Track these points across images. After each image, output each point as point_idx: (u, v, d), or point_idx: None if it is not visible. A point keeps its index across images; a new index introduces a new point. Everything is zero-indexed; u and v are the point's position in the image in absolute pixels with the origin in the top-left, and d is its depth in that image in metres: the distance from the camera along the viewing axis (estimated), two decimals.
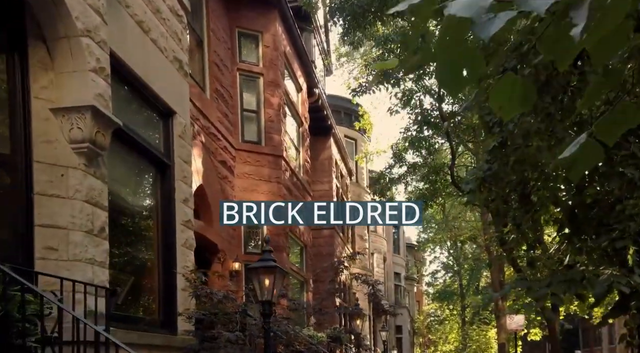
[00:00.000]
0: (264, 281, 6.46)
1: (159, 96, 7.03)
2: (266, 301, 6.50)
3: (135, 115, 6.81)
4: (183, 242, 7.33)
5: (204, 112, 10.94)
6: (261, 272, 6.53)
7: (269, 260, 6.58)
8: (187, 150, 7.64)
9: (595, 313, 29.02)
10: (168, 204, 7.20)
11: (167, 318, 6.89)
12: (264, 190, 13.04)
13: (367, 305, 26.80)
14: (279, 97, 13.65)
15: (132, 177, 6.94)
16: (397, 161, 17.68)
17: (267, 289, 6.47)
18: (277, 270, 6.55)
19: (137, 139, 6.58)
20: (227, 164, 12.13)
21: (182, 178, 7.43)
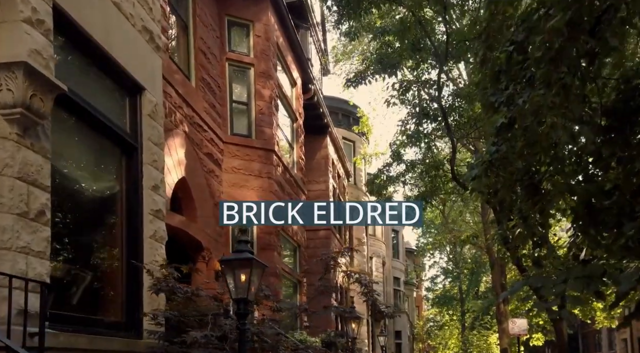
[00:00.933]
0: (239, 276, 5.50)
1: (125, 69, 6.10)
2: (241, 299, 5.52)
3: (95, 89, 5.86)
4: (151, 234, 6.37)
5: (187, 100, 10.01)
6: (235, 266, 5.56)
7: (245, 252, 5.62)
8: (157, 132, 6.69)
9: (597, 317, 28.06)
10: (134, 191, 6.24)
11: (130, 320, 5.92)
12: (254, 186, 12.09)
13: (365, 310, 25.77)
14: (270, 89, 12.73)
15: (91, 158, 5.99)
16: (396, 159, 16.68)
17: (242, 285, 5.50)
18: (254, 263, 5.58)
19: (96, 115, 5.64)
20: (214, 157, 11.18)
21: (151, 162, 6.47)
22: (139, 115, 6.41)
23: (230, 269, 5.59)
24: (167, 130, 9.18)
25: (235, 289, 5.51)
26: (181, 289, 5.63)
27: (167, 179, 9.15)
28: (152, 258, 6.33)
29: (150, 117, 6.54)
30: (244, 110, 12.61)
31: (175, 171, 9.41)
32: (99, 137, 5.93)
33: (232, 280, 5.54)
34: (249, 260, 5.55)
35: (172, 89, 9.40)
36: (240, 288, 5.51)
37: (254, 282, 5.60)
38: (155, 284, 5.61)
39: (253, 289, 5.71)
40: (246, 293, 5.49)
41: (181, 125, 9.73)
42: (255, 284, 5.68)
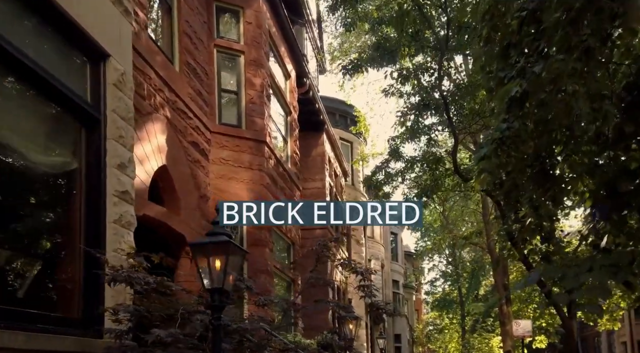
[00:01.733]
0: (213, 263, 4.63)
1: (85, 31, 5.26)
2: (216, 289, 4.65)
3: (49, 52, 5.02)
4: (116, 218, 5.50)
5: (170, 84, 9.17)
6: (209, 251, 4.70)
7: (220, 234, 4.75)
8: (125, 105, 5.84)
9: (600, 320, 27.10)
10: (96, 169, 5.38)
11: (88, 316, 5.04)
12: (244, 178, 11.23)
13: (364, 313, 24.85)
14: (262, 78, 11.89)
15: (43, 130, 5.13)
16: (394, 155, 15.81)
17: (217, 274, 4.63)
18: (232, 247, 4.71)
19: (50, 81, 4.80)
20: (200, 146, 10.32)
21: (117, 137, 5.61)
22: (103, 84, 5.56)
23: (203, 255, 4.72)
24: (146, 113, 8.37)
25: (209, 278, 4.63)
26: (141, 279, 4.74)
27: (145, 166, 8.32)
28: (117, 246, 5.46)
29: (116, 87, 5.69)
30: (234, 99, 11.78)
31: (154, 158, 8.56)
32: (53, 106, 5.08)
33: (205, 268, 4.67)
34: (226, 244, 4.69)
35: (151, 70, 8.56)
36: (215, 277, 4.63)
37: (231, 269, 4.73)
38: (109, 273, 4.71)
39: (231, 279, 4.84)
40: (222, 282, 4.62)
41: (162, 109, 8.88)
42: (233, 273, 4.81)
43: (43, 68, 4.74)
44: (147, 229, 8.51)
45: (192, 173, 9.99)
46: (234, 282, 5.02)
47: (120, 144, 5.65)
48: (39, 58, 4.72)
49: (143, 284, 4.68)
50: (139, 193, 8.08)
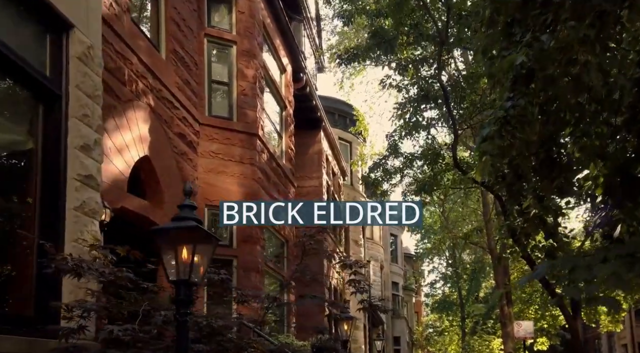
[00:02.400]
0: (179, 251, 4.00)
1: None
2: (182, 281, 4.03)
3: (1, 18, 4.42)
4: (78, 205, 4.89)
5: (154, 71, 8.57)
6: (174, 237, 4.08)
7: (188, 219, 4.13)
8: (92, 81, 5.23)
9: (602, 321, 26.39)
10: (54, 150, 4.78)
11: (42, 314, 4.42)
12: (235, 172, 10.62)
13: (362, 315, 24.20)
14: (254, 69, 11.28)
15: None
16: (393, 151, 15.18)
17: (184, 263, 4.01)
18: (201, 234, 4.09)
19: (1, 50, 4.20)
20: (187, 138, 9.72)
21: (80, 116, 5.01)
22: (65, 58, 4.95)
23: (167, 242, 4.09)
24: (127, 100, 7.78)
25: (174, 269, 4.01)
26: (95, 270, 4.11)
27: (125, 156, 7.71)
28: (78, 236, 4.85)
29: (80, 61, 5.08)
30: (225, 91, 11.18)
31: (135, 148, 7.95)
32: (6, 79, 4.48)
33: (170, 257, 4.05)
34: (193, 230, 4.06)
35: (133, 55, 7.97)
36: (182, 267, 4.01)
37: (201, 260, 4.10)
38: (59, 264, 4.09)
39: (202, 270, 4.21)
40: (188, 273, 3.99)
41: (144, 97, 8.28)
42: (203, 262, 4.18)
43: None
44: (126, 223, 7.93)
45: (179, 166, 9.39)
46: (205, 274, 4.39)
47: (84, 123, 5.04)
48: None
49: (98, 276, 4.05)
50: (118, 184, 7.49)
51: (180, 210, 4.21)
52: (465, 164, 12.92)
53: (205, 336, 5.47)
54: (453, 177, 15.13)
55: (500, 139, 5.31)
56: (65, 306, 4.21)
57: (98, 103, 5.29)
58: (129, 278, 4.38)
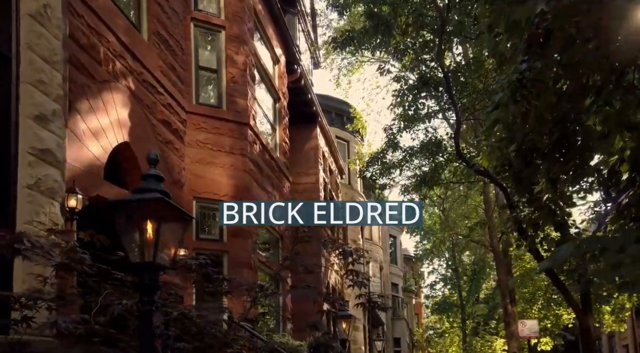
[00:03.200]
0: (142, 228, 3.33)
1: None
2: (146, 265, 3.35)
3: None
4: (32, 183, 4.22)
5: (134, 52, 7.92)
6: (135, 212, 3.40)
7: (153, 190, 3.45)
8: (50, 44, 4.56)
9: (606, 321, 25.68)
10: (3, 118, 4.09)
11: None
12: (225, 163, 9.96)
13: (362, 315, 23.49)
14: (245, 55, 10.64)
15: None
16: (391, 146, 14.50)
17: (148, 242, 3.33)
18: (168, 208, 3.41)
19: None
20: (173, 126, 9.05)
21: (35, 82, 4.34)
22: (15, 15, 4.28)
23: (129, 217, 3.41)
24: (102, 80, 7.12)
25: (136, 249, 3.33)
26: (39, 249, 3.43)
27: (101, 140, 7.05)
28: (33, 218, 4.17)
29: (34, 20, 4.42)
30: (213, 78, 10.52)
31: (114, 133, 7.29)
32: None
33: (132, 235, 3.37)
34: (159, 203, 3.38)
35: (109, 32, 7.32)
36: (144, 247, 3.33)
37: (168, 238, 3.42)
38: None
39: (172, 250, 3.53)
40: (152, 255, 3.31)
41: (123, 79, 7.61)
42: (172, 242, 3.50)
43: None
44: (103, 212, 7.27)
45: (163, 155, 8.70)
46: (176, 256, 3.71)
47: (40, 90, 4.37)
48: None
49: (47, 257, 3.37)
50: (93, 170, 6.83)
51: (144, 180, 3.53)
52: (468, 154, 12.22)
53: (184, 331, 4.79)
54: (455, 169, 14.42)
55: (515, 105, 4.63)
56: (14, 296, 3.53)
57: (58, 70, 4.62)
58: (84, 260, 3.68)
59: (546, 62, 4.65)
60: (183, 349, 4.95)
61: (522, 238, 10.37)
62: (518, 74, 4.63)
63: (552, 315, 22.79)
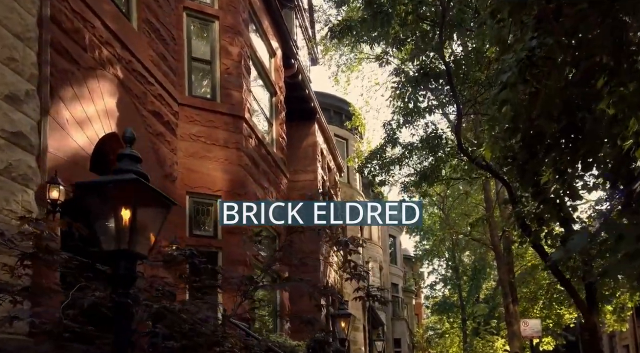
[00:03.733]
0: (116, 212, 2.99)
1: None
2: (120, 252, 3.01)
3: None
4: (2, 168, 3.88)
5: (122, 39, 7.59)
6: (110, 194, 3.06)
7: (128, 171, 3.11)
8: (21, 19, 4.24)
9: (607, 320, 25.34)
10: None
11: None
12: (219, 157, 9.62)
13: (362, 315, 23.15)
14: (239, 46, 10.30)
15: None
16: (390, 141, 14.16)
17: (122, 228, 2.99)
18: (145, 190, 3.08)
19: None
20: (164, 118, 8.71)
21: (5, 60, 4.04)
22: None
23: (102, 201, 3.07)
24: (88, 67, 6.78)
25: (110, 235, 2.99)
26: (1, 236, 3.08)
27: (87, 130, 6.71)
28: (3, 206, 3.83)
29: None
30: (207, 70, 10.18)
31: (100, 122, 6.95)
32: None
33: (105, 220, 3.03)
34: (135, 185, 3.04)
35: (95, 18, 6.98)
36: (119, 233, 2.99)
37: (146, 223, 3.08)
38: None
39: (152, 238, 3.19)
40: (128, 242, 2.97)
41: (111, 67, 7.28)
42: (151, 229, 3.16)
43: None
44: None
45: (154, 147, 8.38)
46: (156, 244, 3.37)
47: (10, 68, 4.04)
48: None
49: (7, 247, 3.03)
50: (78, 160, 6.49)
51: (119, 161, 3.18)
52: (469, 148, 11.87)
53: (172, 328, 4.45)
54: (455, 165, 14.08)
55: (524, 84, 4.28)
56: None
57: (31, 48, 4.30)
58: (51, 249, 3.33)
59: (557, 39, 4.30)
60: (171, 348, 4.61)
61: (525, 234, 10.05)
62: (527, 51, 4.29)
63: (554, 315, 22.46)
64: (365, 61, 23.01)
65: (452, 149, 13.05)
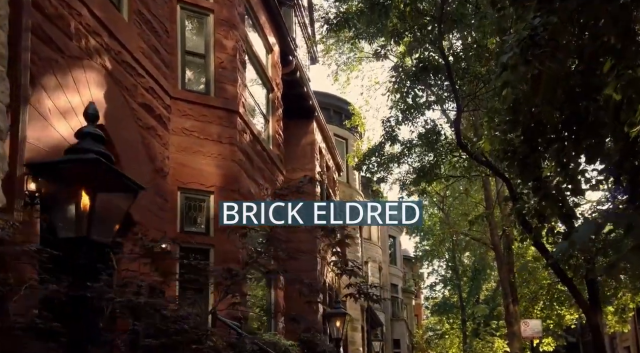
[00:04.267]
0: (75, 194, 2.70)
1: None
2: (79, 240, 2.73)
3: None
4: None
5: (111, 30, 7.33)
6: (67, 175, 2.78)
7: (88, 151, 2.82)
8: None
9: (609, 321, 25.00)
10: None
11: None
12: (212, 152, 9.34)
13: (360, 316, 22.85)
14: (234, 40, 10.03)
15: None
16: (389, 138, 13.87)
17: (81, 212, 2.70)
18: (107, 171, 2.79)
19: None
20: (156, 111, 8.44)
21: None
22: None
23: (58, 182, 2.79)
24: (73, 56, 6.51)
25: (65, 221, 2.70)
26: None
27: (71, 121, 6.42)
28: None
29: None
30: (201, 64, 9.90)
31: None
32: None
33: (61, 204, 2.74)
34: (95, 166, 2.75)
35: (82, 6, 6.71)
36: (78, 218, 2.70)
37: (108, 209, 2.79)
38: None
39: (116, 223, 2.90)
40: (86, 228, 2.68)
41: (98, 56, 7.01)
42: (115, 215, 2.86)
43: None
44: None
45: (145, 141, 8.10)
46: (118, 232, 3.07)
47: None
48: None
49: None
50: (60, 152, 6.13)
51: (79, 139, 2.89)
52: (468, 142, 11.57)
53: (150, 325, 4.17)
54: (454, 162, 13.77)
55: (526, 65, 3.99)
56: None
57: (1, 26, 3.99)
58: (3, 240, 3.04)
59: (560, 17, 4.01)
60: (149, 346, 4.33)
61: (526, 231, 9.76)
62: (530, 30, 3.99)
63: (555, 315, 22.14)
64: (365, 60, 22.76)
65: (451, 144, 12.74)
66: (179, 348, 4.26)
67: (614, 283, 17.28)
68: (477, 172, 14.54)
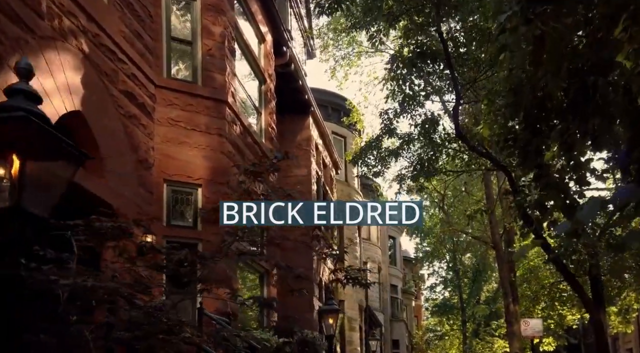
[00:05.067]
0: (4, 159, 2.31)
1: None
2: (8, 210, 2.34)
3: None
4: None
5: (89, 11, 6.96)
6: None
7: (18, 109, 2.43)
8: None
9: (612, 322, 24.61)
10: None
11: None
12: (200, 144, 8.96)
13: (357, 315, 22.48)
14: (223, 26, 9.65)
15: None
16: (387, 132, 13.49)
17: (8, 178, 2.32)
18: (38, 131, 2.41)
19: None
20: (139, 99, 8.06)
21: None
22: None
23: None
24: (45, 36, 6.14)
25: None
26: None
27: (45, 107, 5.98)
28: None
29: None
30: (187, 51, 9.52)
31: (60, 99, 6.29)
32: None
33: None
34: (25, 124, 2.37)
35: None
36: (5, 185, 2.32)
37: (44, 176, 2.41)
38: None
39: (56, 195, 2.51)
40: (17, 196, 2.30)
41: (74, 39, 6.62)
42: (54, 183, 2.48)
43: None
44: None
45: (127, 130, 7.72)
46: (56, 203, 2.69)
47: None
48: None
49: None
50: None
51: (9, 96, 2.50)
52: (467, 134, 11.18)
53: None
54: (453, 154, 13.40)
55: (526, 26, 3.60)
56: None
57: None
58: None
59: None
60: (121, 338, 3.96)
61: (527, 225, 9.40)
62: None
63: (556, 315, 21.76)
64: (364, 55, 22.40)
65: (450, 135, 12.37)
66: (150, 338, 3.89)
67: (617, 283, 16.92)
68: (476, 165, 14.17)
